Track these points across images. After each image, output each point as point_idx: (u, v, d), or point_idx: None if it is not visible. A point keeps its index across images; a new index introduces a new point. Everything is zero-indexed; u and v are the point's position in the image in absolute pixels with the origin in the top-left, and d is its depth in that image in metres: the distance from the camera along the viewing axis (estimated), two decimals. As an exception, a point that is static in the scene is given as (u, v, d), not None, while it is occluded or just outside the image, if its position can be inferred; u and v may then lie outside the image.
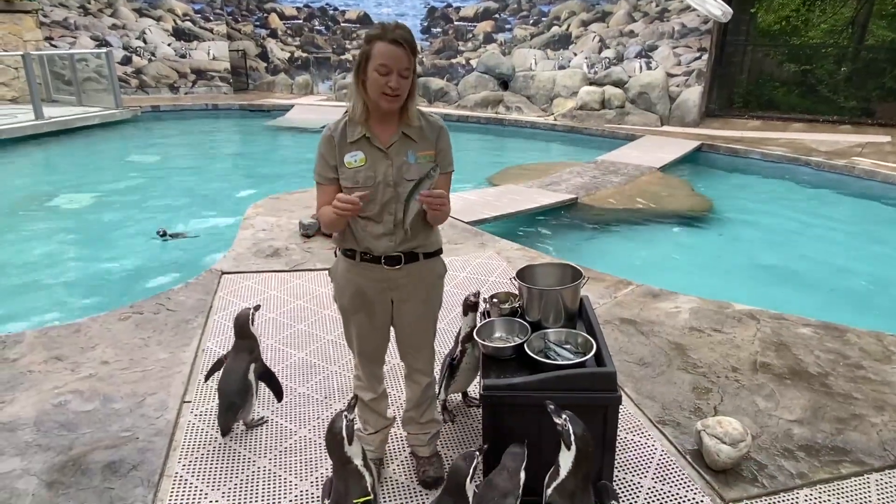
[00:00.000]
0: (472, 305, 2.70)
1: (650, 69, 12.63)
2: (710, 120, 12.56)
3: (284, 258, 4.98)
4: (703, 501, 2.45)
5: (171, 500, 2.44)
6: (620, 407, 2.26)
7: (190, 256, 5.92)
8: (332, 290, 2.44)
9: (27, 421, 2.88)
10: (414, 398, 2.56)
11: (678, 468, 2.64)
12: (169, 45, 15.66)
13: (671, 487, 2.53)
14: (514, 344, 2.44)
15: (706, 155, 10.34)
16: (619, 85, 12.75)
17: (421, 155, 2.20)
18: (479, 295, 2.73)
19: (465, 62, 14.85)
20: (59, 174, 9.40)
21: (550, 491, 1.96)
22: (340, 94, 15.32)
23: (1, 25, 13.27)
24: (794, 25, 14.13)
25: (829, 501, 2.47)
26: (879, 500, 2.48)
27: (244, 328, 2.80)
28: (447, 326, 3.74)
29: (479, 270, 4.77)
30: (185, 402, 3.07)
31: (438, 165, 2.18)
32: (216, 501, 2.44)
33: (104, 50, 13.12)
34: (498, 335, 2.58)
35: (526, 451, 2.07)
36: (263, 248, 5.19)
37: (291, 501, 2.45)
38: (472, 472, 1.97)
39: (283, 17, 16.34)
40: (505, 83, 14.30)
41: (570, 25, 13.53)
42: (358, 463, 2.05)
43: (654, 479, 2.58)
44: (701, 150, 10.38)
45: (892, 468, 2.66)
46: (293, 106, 14.43)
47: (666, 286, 4.52)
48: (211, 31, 16.00)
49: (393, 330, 2.45)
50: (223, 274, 4.63)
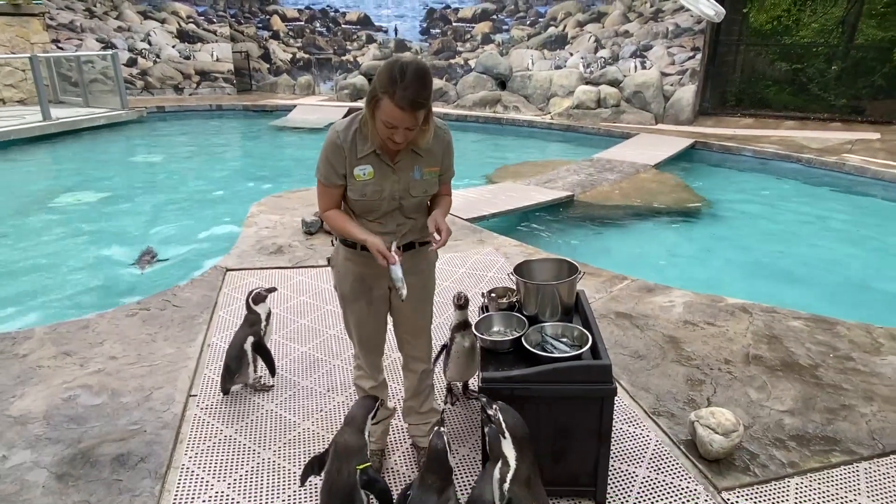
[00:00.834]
0: (460, 305, 2.68)
1: (645, 68, 12.61)
2: (703, 118, 12.55)
3: (287, 255, 4.98)
4: (696, 490, 2.46)
5: (178, 491, 2.45)
6: (616, 399, 2.27)
7: (194, 255, 5.92)
8: (330, 283, 2.44)
9: (37, 415, 2.89)
10: (412, 387, 2.57)
11: (672, 458, 2.65)
12: (173, 46, 15.62)
13: (665, 477, 2.54)
14: (511, 338, 2.45)
15: (700, 152, 10.34)
16: (614, 84, 12.72)
17: (427, 171, 2.22)
18: (466, 299, 2.70)
19: (463, 62, 14.83)
20: (66, 174, 9.39)
21: (507, 484, 1.93)
22: (342, 94, 15.29)
23: (8, 28, 13.25)
24: (785, 25, 14.07)
25: (819, 490, 2.48)
26: (868, 488, 2.49)
27: (248, 304, 3.06)
28: (445, 321, 3.74)
29: (477, 266, 4.77)
30: (191, 395, 3.08)
31: (440, 178, 2.27)
32: (222, 492, 2.45)
33: (110, 52, 13.08)
34: (496, 329, 2.59)
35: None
36: (267, 245, 5.19)
37: (295, 492, 2.46)
38: (447, 446, 2.01)
39: (285, 18, 16.30)
40: (503, 83, 14.27)
41: (566, 26, 13.50)
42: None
43: (648, 468, 2.59)
44: (695, 147, 10.37)
45: (880, 457, 2.67)
46: (295, 106, 14.40)
47: (660, 281, 4.52)
48: (214, 33, 15.96)
49: (391, 320, 2.46)
50: (227, 271, 4.64)
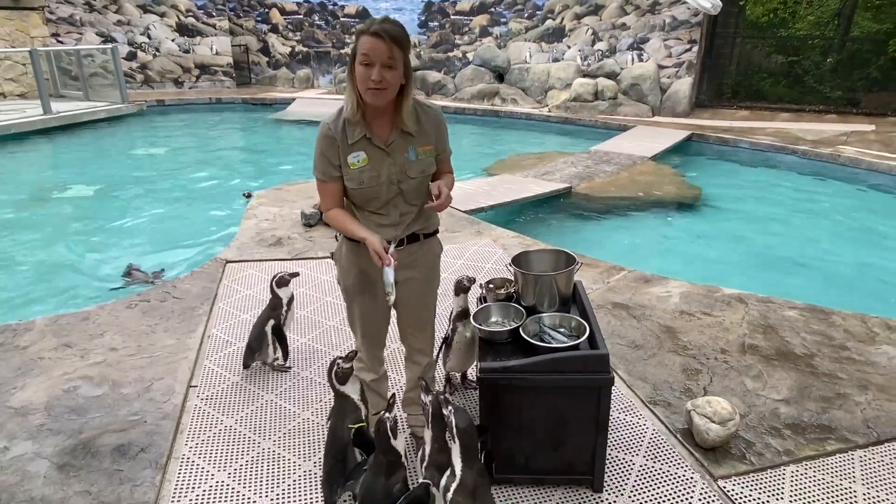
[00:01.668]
0: (464, 288, 2.73)
1: (642, 61, 12.54)
2: (700, 110, 12.49)
3: (287, 247, 4.96)
4: (693, 478, 2.45)
5: (178, 481, 2.44)
6: (613, 388, 2.25)
7: (193, 246, 5.89)
8: (333, 277, 2.43)
9: (38, 406, 2.87)
10: (414, 378, 2.56)
11: (669, 446, 2.64)
12: (173, 40, 15.51)
13: (662, 465, 2.53)
14: (509, 328, 2.43)
15: (696, 144, 10.30)
16: (611, 77, 12.67)
17: (421, 150, 2.18)
18: (473, 280, 2.75)
19: (461, 55, 14.75)
20: (67, 167, 9.34)
21: (451, 494, 1.89)
22: (340, 87, 15.22)
23: (8, 22, 13.14)
24: (781, 17, 14.00)
25: (814, 477, 2.47)
26: (863, 475, 2.49)
27: (272, 287, 3.15)
28: (445, 311, 3.72)
29: (476, 257, 4.75)
30: (191, 386, 3.06)
31: (438, 158, 2.23)
32: (222, 482, 2.44)
33: (109, 46, 13.00)
34: (494, 319, 2.57)
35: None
36: (266, 237, 5.17)
37: (295, 481, 2.45)
38: (395, 427, 2.08)
39: (283, 12, 16.19)
40: (500, 76, 14.20)
41: (563, 19, 13.42)
42: (355, 398, 2.33)
43: (645, 457, 2.58)
44: (691, 139, 10.34)
45: (875, 445, 2.66)
46: (295, 99, 14.32)
47: (657, 271, 4.51)
48: (213, 26, 15.86)
49: (394, 312, 2.44)
50: (227, 263, 4.61)
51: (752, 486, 2.42)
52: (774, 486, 2.42)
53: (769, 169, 9.09)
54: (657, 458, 2.57)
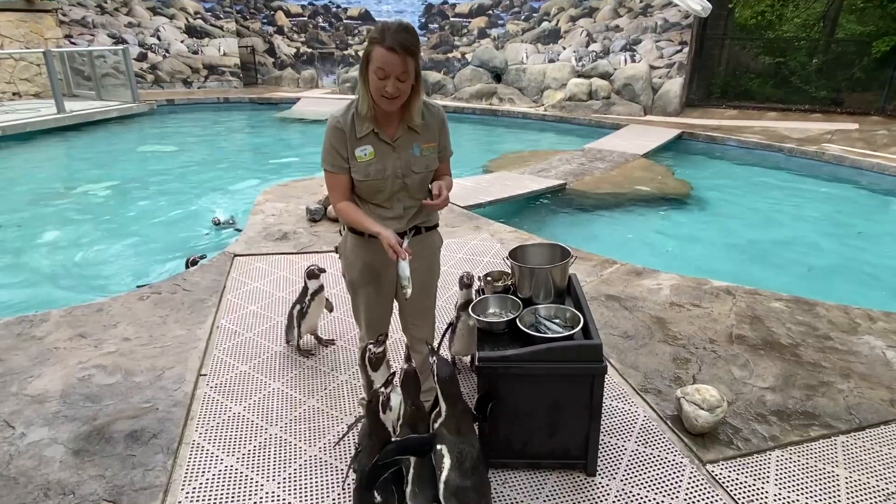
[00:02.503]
0: (466, 284, 2.82)
1: (634, 62, 12.50)
2: (690, 109, 12.47)
3: (293, 241, 4.95)
4: (682, 463, 2.46)
5: (188, 465, 2.45)
6: (606, 376, 2.25)
7: (203, 241, 5.89)
8: (337, 270, 2.42)
9: (54, 394, 2.87)
10: (416, 367, 2.56)
11: (659, 432, 2.65)
12: (182, 42, 15.44)
13: (653, 450, 2.54)
14: (506, 319, 2.43)
15: (686, 142, 10.28)
16: (605, 77, 12.63)
17: (425, 147, 2.18)
18: (472, 277, 2.84)
19: (460, 56, 14.69)
20: (80, 164, 9.32)
21: (437, 426, 2.06)
22: (344, 87, 15.17)
23: (23, 24, 13.07)
24: (769, 20, 13.94)
25: (799, 462, 2.48)
26: (846, 460, 2.50)
27: (304, 278, 3.25)
28: (444, 304, 3.73)
29: (474, 251, 4.75)
30: (201, 375, 3.06)
31: (439, 156, 2.24)
32: (231, 466, 2.45)
33: (121, 47, 12.93)
34: (492, 311, 2.57)
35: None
36: (273, 231, 5.16)
37: (301, 466, 2.45)
38: (387, 403, 2.10)
39: (289, 14, 16.11)
40: (498, 76, 14.15)
41: (559, 21, 13.36)
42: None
43: (636, 442, 2.58)
44: (681, 137, 10.32)
45: (857, 431, 2.67)
46: (300, 99, 14.27)
47: (648, 265, 4.50)
48: (221, 28, 15.78)
49: (396, 303, 2.44)
50: (235, 256, 4.61)
51: (738, 470, 2.43)
52: (760, 470, 2.43)
53: (756, 166, 9.08)
54: (648, 443, 2.58)
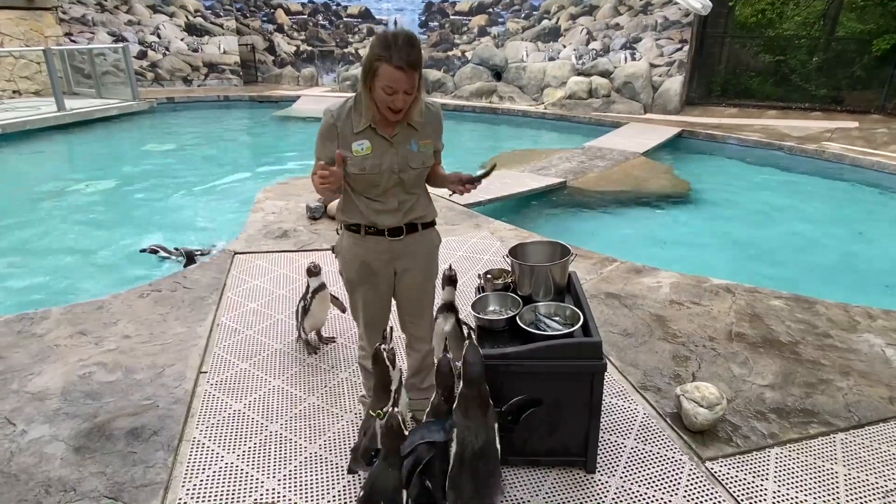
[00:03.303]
0: (448, 279, 2.73)
1: (634, 60, 12.47)
2: (690, 108, 12.45)
3: (293, 239, 4.95)
4: (681, 460, 2.46)
5: (189, 462, 2.45)
6: (606, 374, 2.26)
7: (204, 239, 5.88)
8: (336, 268, 2.42)
9: (55, 391, 2.87)
10: (415, 365, 2.56)
11: (659, 430, 2.65)
12: (182, 40, 15.40)
13: (652, 447, 2.54)
14: (506, 316, 2.43)
15: (686, 141, 10.27)
16: (605, 75, 12.60)
17: (422, 143, 2.19)
18: (454, 272, 2.77)
19: (460, 54, 14.66)
20: (80, 162, 9.31)
21: (454, 407, 2.05)
22: (344, 85, 15.15)
23: (23, 22, 13.04)
24: (769, 18, 13.91)
25: (798, 459, 2.48)
26: (844, 457, 2.50)
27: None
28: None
29: (474, 249, 4.75)
30: (201, 372, 3.07)
31: (436, 151, 2.26)
32: (231, 463, 2.45)
33: (121, 45, 12.88)
34: (492, 308, 2.57)
35: None
36: (273, 229, 5.16)
37: (301, 463, 2.46)
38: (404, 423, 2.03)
39: (288, 12, 16.07)
40: (498, 74, 14.13)
41: (559, 19, 13.34)
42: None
43: (636, 439, 2.58)
44: (681, 136, 10.30)
45: (856, 428, 2.67)
46: (300, 97, 14.25)
47: (648, 263, 4.50)
48: (221, 26, 15.75)
49: (395, 301, 2.44)
50: (235, 254, 4.61)
51: (737, 467, 2.43)
52: (759, 467, 2.43)
53: (756, 164, 9.07)
54: (647, 440, 2.58)
